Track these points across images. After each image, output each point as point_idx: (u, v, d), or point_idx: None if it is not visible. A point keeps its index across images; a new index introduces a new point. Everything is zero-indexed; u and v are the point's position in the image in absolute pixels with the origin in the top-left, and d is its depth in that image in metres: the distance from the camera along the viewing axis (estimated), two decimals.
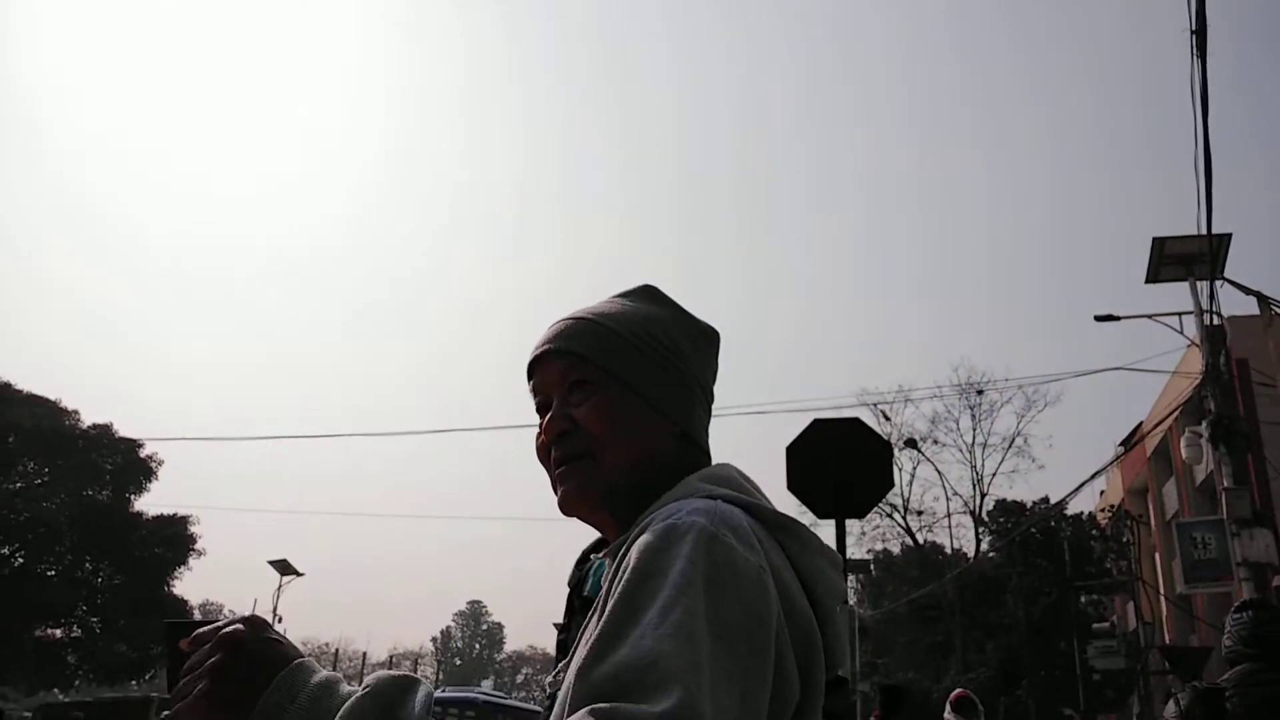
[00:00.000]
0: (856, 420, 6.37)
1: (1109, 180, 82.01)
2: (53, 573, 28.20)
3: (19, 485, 29.00)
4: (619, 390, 1.07)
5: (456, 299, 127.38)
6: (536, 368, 1.12)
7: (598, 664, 0.74)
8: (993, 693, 26.71)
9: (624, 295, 1.19)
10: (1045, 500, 31.74)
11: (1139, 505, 29.46)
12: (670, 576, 0.79)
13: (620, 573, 0.83)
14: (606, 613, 0.79)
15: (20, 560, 28.08)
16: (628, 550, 0.87)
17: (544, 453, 1.10)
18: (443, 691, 18.01)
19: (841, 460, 5.88)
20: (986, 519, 32.99)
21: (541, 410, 1.11)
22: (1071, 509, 30.12)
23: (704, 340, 1.18)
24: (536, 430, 1.11)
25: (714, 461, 1.10)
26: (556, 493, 1.07)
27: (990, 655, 29.30)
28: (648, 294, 1.20)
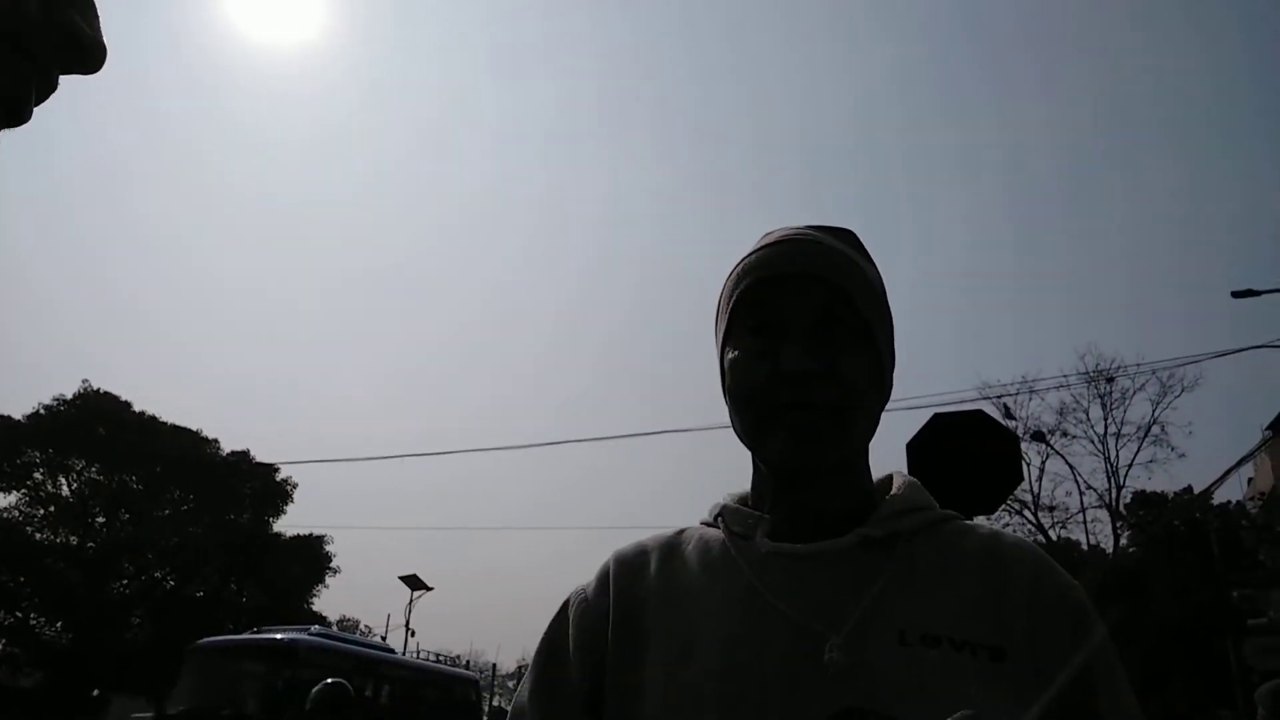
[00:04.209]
0: (980, 413, 6.16)
1: (1243, 145, 77.52)
2: (201, 594, 29.72)
3: (167, 512, 30.69)
4: (870, 347, 0.95)
5: (584, 313, 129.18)
6: (775, 284, 0.94)
7: None
8: (1140, 696, 25.47)
9: (839, 236, 1.01)
10: (1188, 490, 30.11)
11: None
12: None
13: (1076, 627, 0.89)
14: (1114, 681, 0.90)
15: (171, 583, 29.70)
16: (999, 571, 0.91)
17: (759, 382, 0.92)
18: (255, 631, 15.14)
19: (966, 456, 5.69)
20: (1124, 512, 31.48)
21: (757, 333, 0.94)
22: (1218, 498, 28.51)
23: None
24: (746, 352, 0.94)
25: None
26: (783, 436, 0.91)
27: (1136, 657, 27.95)
28: (858, 244, 1.02)
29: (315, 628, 14.27)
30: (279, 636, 13.50)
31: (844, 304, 0.93)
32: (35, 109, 0.50)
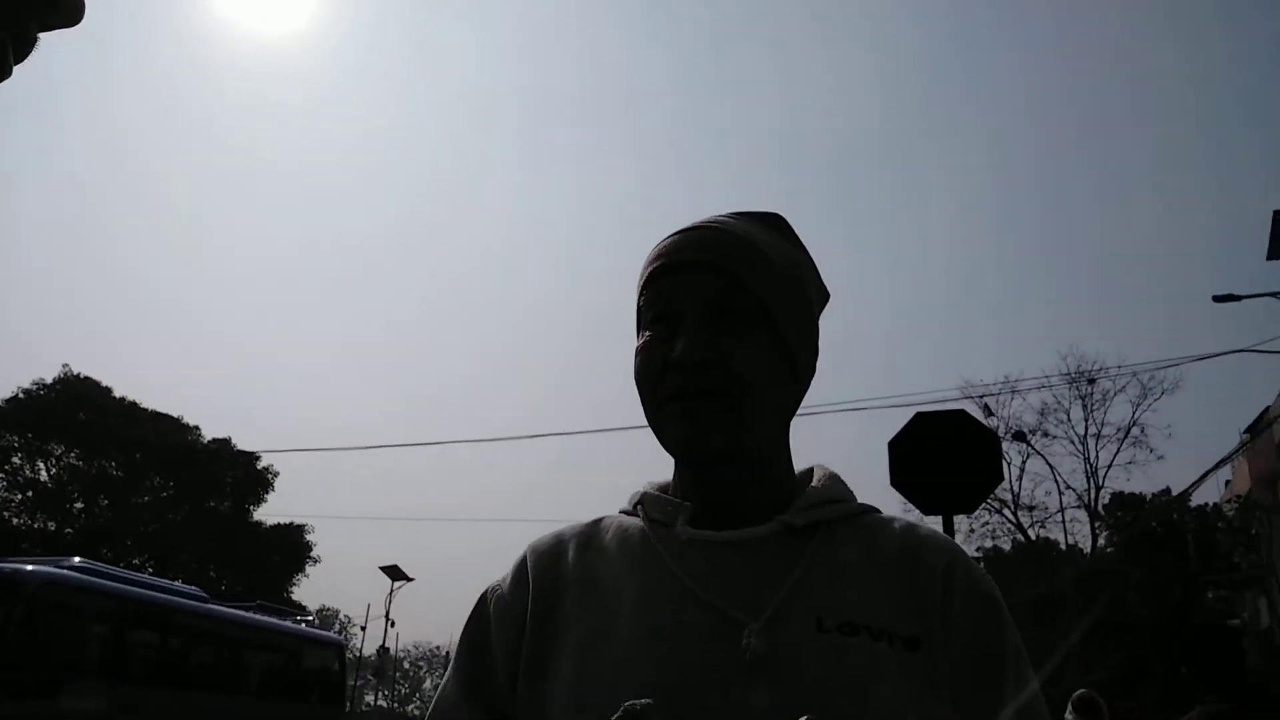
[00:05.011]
0: (962, 413, 6.20)
1: (1224, 150, 78.13)
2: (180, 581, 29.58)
3: (146, 499, 30.55)
4: (769, 333, 0.94)
5: (563, 301, 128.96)
6: (672, 273, 0.95)
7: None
8: (1115, 695, 25.69)
9: (760, 221, 1.01)
10: (1166, 492, 30.37)
11: (1269, 495, 27.93)
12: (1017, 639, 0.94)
13: (980, 611, 0.92)
14: (1018, 669, 0.90)
15: (150, 570, 29.52)
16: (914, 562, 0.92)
17: (654, 373, 0.94)
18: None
19: (947, 455, 5.72)
20: (1103, 513, 31.74)
21: (657, 323, 0.95)
22: (1195, 500, 28.77)
23: (824, 299, 1.06)
24: (646, 342, 0.95)
25: None
26: (674, 425, 0.92)
27: (1111, 656, 28.18)
28: (784, 228, 1.03)
29: (77, 560, 11.05)
30: (11, 567, 10.15)
31: (739, 291, 0.93)
32: (17, 67, 0.48)
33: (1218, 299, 15.41)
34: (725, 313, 0.92)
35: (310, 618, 17.05)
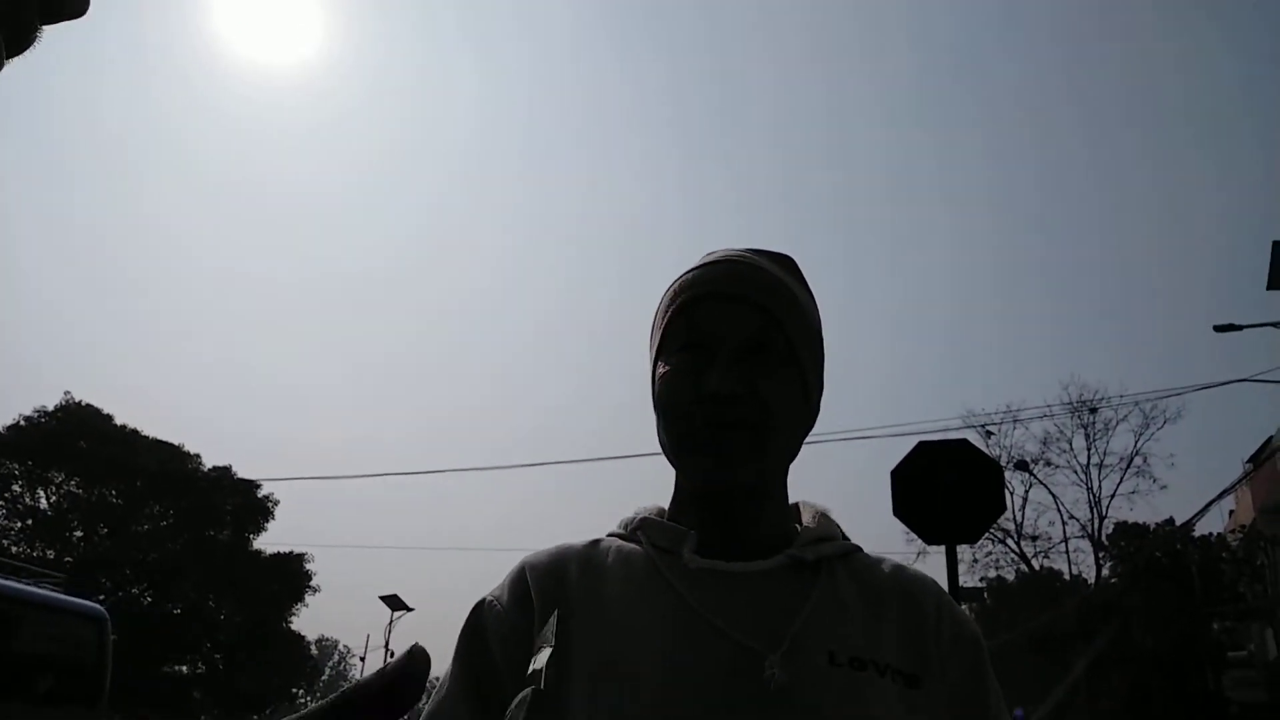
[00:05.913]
0: (965, 442, 6.18)
1: (1225, 180, 78.40)
2: (179, 610, 29.36)
3: (146, 527, 30.41)
4: (796, 373, 0.96)
5: (567, 333, 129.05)
6: (708, 304, 0.96)
7: None
8: None
9: (778, 262, 1.03)
10: (1170, 522, 30.22)
11: (1273, 525, 27.77)
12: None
13: (974, 656, 0.95)
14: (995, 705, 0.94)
15: (149, 599, 29.36)
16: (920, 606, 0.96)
17: (683, 402, 0.94)
18: None
19: (950, 484, 5.71)
20: (1106, 542, 31.56)
21: (686, 351, 0.96)
22: (1199, 530, 28.61)
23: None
24: (675, 369, 0.96)
25: None
26: (700, 456, 0.93)
27: (1116, 687, 27.91)
28: (795, 271, 1.04)
29: None
30: None
31: (774, 329, 0.95)
32: (17, 59, 0.44)
33: (1219, 328, 15.45)
34: (760, 350, 0.94)
35: (59, 575, 12.12)
